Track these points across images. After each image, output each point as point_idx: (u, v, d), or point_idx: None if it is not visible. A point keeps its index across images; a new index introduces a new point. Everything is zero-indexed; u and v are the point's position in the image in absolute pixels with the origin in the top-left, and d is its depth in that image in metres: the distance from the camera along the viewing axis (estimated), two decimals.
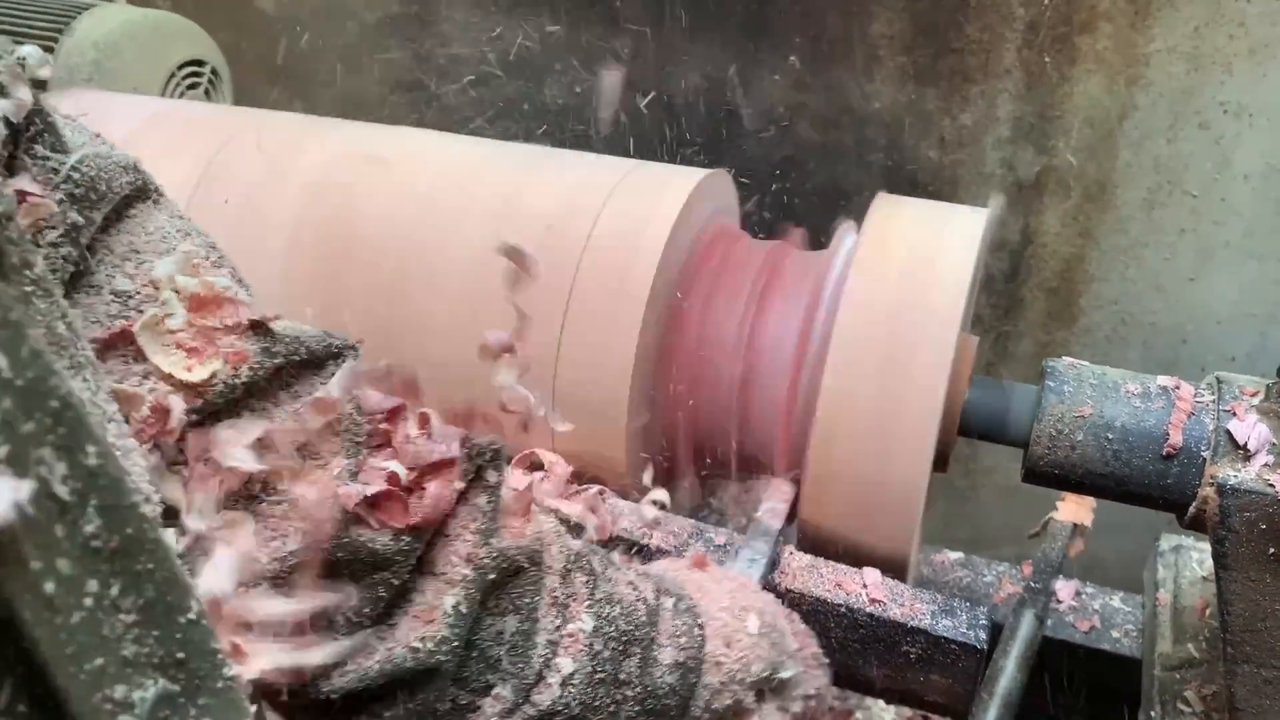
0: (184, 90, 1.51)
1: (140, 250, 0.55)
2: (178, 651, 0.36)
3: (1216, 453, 0.78)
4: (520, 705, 0.63)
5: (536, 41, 1.71)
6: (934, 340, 0.83)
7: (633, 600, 0.69)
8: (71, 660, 0.32)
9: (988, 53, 1.49)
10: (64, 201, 0.51)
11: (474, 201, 0.94)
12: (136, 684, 0.34)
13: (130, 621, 0.34)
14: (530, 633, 0.63)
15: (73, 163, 0.52)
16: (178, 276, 0.55)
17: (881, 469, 0.84)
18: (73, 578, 0.32)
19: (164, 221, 0.58)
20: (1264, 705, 0.80)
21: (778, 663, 0.76)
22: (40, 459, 0.31)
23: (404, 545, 0.57)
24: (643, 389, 0.91)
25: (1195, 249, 1.52)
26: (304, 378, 0.57)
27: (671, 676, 0.68)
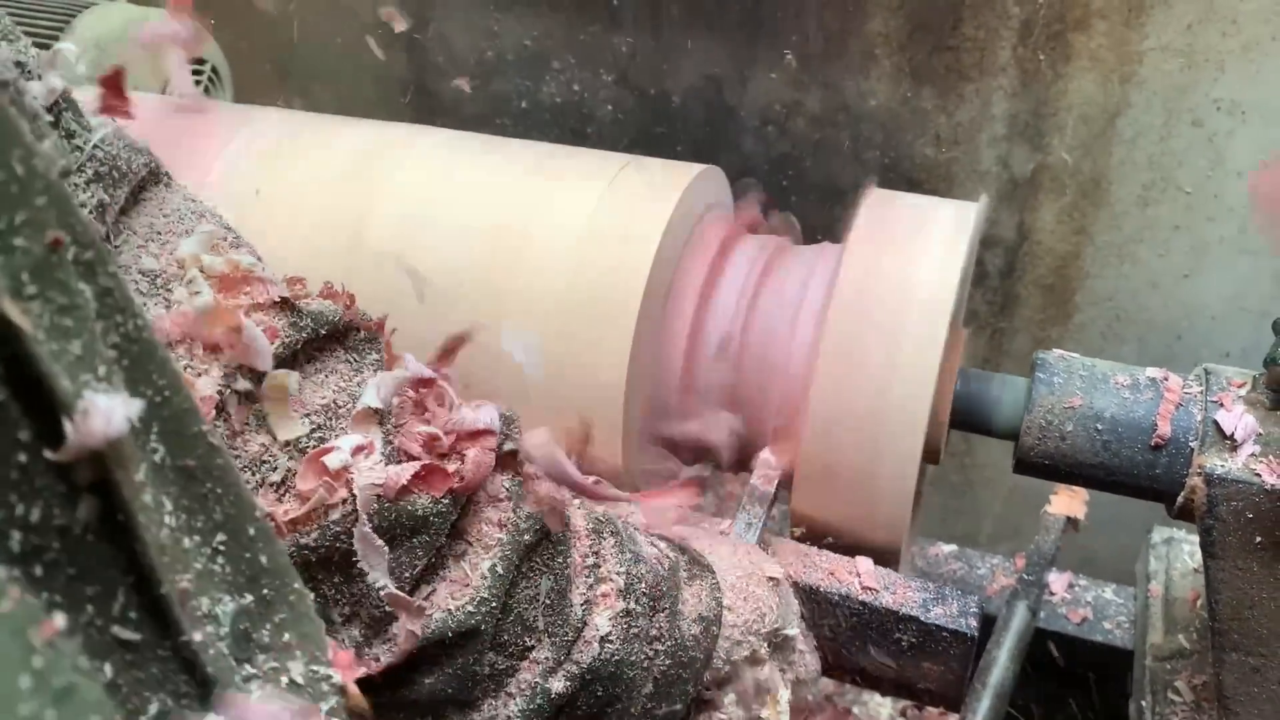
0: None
1: (161, 231, 0.56)
2: (248, 570, 0.38)
3: (1204, 443, 0.79)
4: (562, 663, 0.64)
5: (534, 40, 1.72)
6: (924, 332, 0.84)
7: (655, 558, 0.71)
8: (169, 569, 0.34)
9: (983, 50, 1.50)
10: (91, 180, 0.52)
11: (467, 198, 0.95)
12: (216, 599, 0.36)
13: (201, 541, 0.36)
14: (565, 592, 0.64)
15: (96, 140, 0.53)
16: (203, 255, 0.56)
17: (873, 460, 0.85)
18: (156, 495, 0.34)
19: (180, 203, 0.59)
20: (1252, 693, 0.81)
21: (786, 617, 0.78)
22: (151, 381, 0.34)
23: (442, 508, 0.58)
24: (638, 386, 0.91)
25: (1189, 245, 1.53)
26: (327, 349, 0.58)
27: (696, 628, 0.70)
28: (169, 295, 0.54)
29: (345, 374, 0.58)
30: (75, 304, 0.31)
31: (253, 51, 1.86)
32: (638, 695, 0.67)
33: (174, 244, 0.56)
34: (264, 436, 0.54)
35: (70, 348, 0.30)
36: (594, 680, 0.65)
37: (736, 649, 0.74)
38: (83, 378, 0.30)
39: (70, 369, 0.30)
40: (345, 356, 0.59)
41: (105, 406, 0.30)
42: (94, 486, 0.31)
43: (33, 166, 0.30)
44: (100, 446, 0.30)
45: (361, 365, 0.59)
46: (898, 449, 0.84)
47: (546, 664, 0.63)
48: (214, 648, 0.35)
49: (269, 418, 0.55)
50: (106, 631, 0.32)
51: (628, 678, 0.66)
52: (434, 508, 0.57)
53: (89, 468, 0.30)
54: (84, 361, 0.30)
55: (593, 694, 0.65)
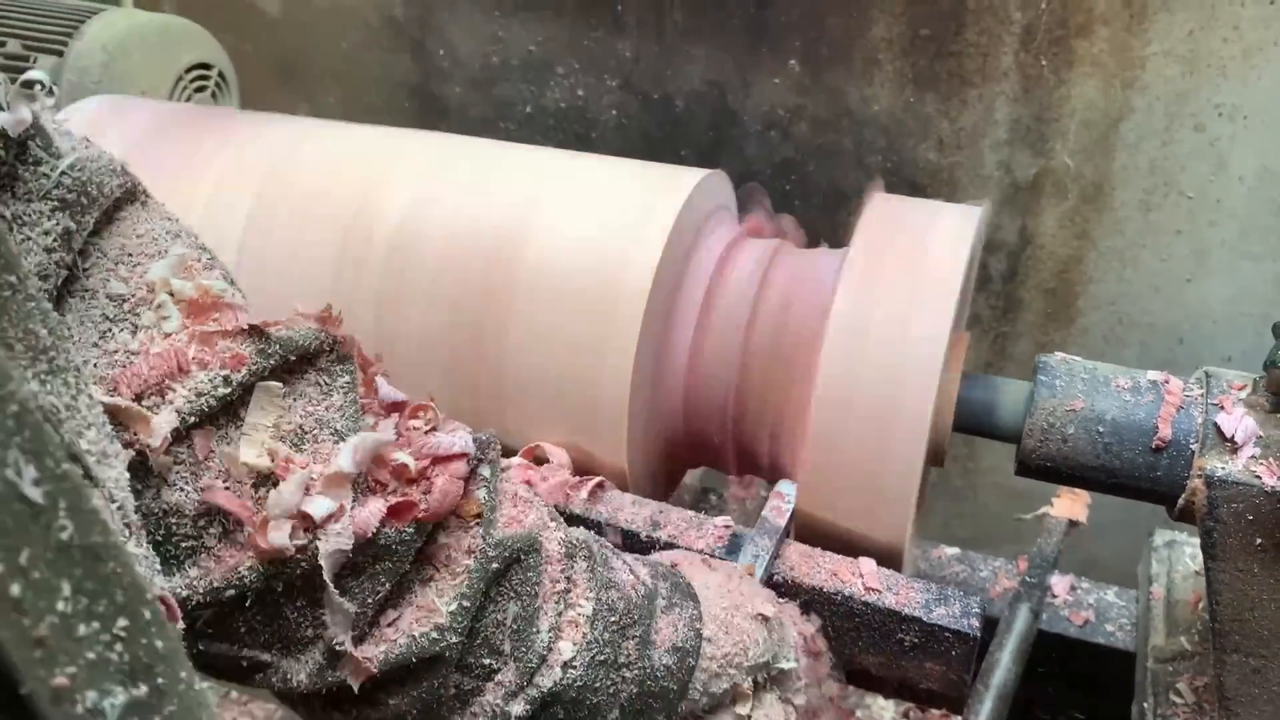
0: (191, 93, 1.53)
1: (132, 253, 0.56)
2: (144, 657, 0.36)
3: (1204, 445, 0.79)
4: (524, 688, 0.64)
5: (539, 45, 1.73)
6: (927, 336, 0.84)
7: (630, 584, 0.71)
8: (42, 664, 0.31)
9: (985, 56, 1.51)
10: (57, 208, 0.52)
11: (471, 201, 0.96)
12: (105, 691, 0.34)
13: (99, 627, 0.34)
14: (532, 618, 0.65)
15: (63, 168, 0.52)
16: (172, 280, 0.56)
17: (876, 462, 0.85)
18: (46, 580, 0.31)
19: (155, 224, 0.59)
20: (1253, 694, 0.81)
21: (777, 652, 0.77)
22: (8, 460, 0.31)
23: (406, 537, 0.58)
24: (642, 390, 0.92)
25: (1191, 250, 1.54)
26: (297, 372, 0.58)
27: (669, 658, 0.70)
28: (136, 320, 0.54)
29: (314, 398, 0.58)
30: None
31: (259, 57, 1.87)
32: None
33: (145, 266, 0.56)
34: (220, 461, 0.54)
35: None
36: (554, 704, 0.65)
37: (715, 681, 0.73)
38: None
39: None
40: (315, 379, 0.59)
41: None
42: None
43: None
44: None
45: (332, 389, 0.59)
46: (901, 451, 0.84)
47: (508, 687, 0.64)
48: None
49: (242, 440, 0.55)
50: None
51: (591, 704, 0.66)
52: (398, 536, 0.57)
53: None
54: None
55: (553, 717, 0.65)
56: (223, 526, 0.54)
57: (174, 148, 1.04)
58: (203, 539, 0.55)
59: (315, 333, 0.58)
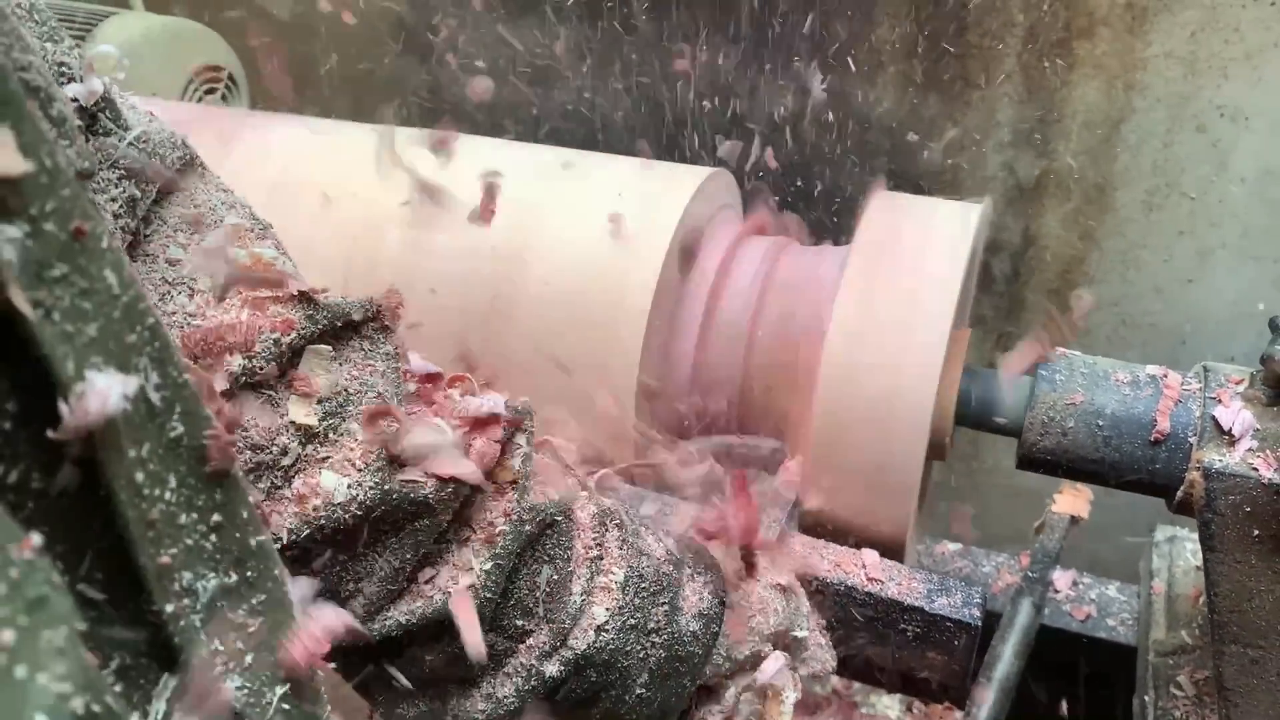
0: (202, 95, 1.54)
1: (189, 222, 0.58)
2: (236, 551, 0.40)
3: (1203, 438, 0.80)
4: (558, 649, 0.66)
5: (545, 45, 1.75)
6: (928, 331, 0.85)
7: (660, 552, 0.73)
8: (153, 543, 0.36)
9: (988, 58, 1.52)
10: (124, 176, 0.54)
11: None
12: (200, 574, 0.38)
13: (198, 519, 0.38)
14: (565, 582, 0.67)
15: (130, 139, 0.55)
16: (228, 247, 0.58)
17: (879, 456, 0.86)
18: (158, 473, 0.36)
19: (211, 194, 0.61)
20: (1251, 684, 0.82)
21: (793, 620, 0.79)
22: (139, 366, 0.35)
23: (446, 494, 0.60)
24: (649, 389, 0.93)
25: (1193, 251, 1.54)
26: (343, 339, 0.60)
27: (695, 624, 0.72)
28: (194, 284, 0.56)
29: (358, 363, 0.60)
30: (96, 289, 0.33)
31: (269, 59, 1.89)
32: (632, 684, 0.69)
33: (202, 234, 0.58)
34: (274, 419, 0.56)
35: (86, 329, 0.32)
36: (587, 666, 0.67)
37: (738, 648, 0.75)
38: (93, 359, 0.32)
39: (80, 351, 0.32)
40: (360, 346, 0.61)
41: (103, 387, 0.32)
42: (80, 460, 0.33)
43: (58, 163, 0.32)
44: (95, 425, 0.32)
45: (375, 355, 0.61)
46: (903, 445, 0.86)
47: (542, 648, 0.66)
48: (185, 620, 0.37)
49: (290, 400, 0.57)
50: (73, 588, 0.34)
51: (622, 666, 0.68)
52: (438, 493, 0.59)
53: (78, 443, 0.32)
54: (98, 343, 0.33)
55: (586, 679, 0.68)
56: (271, 482, 0.56)
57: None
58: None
59: (361, 302, 0.61)
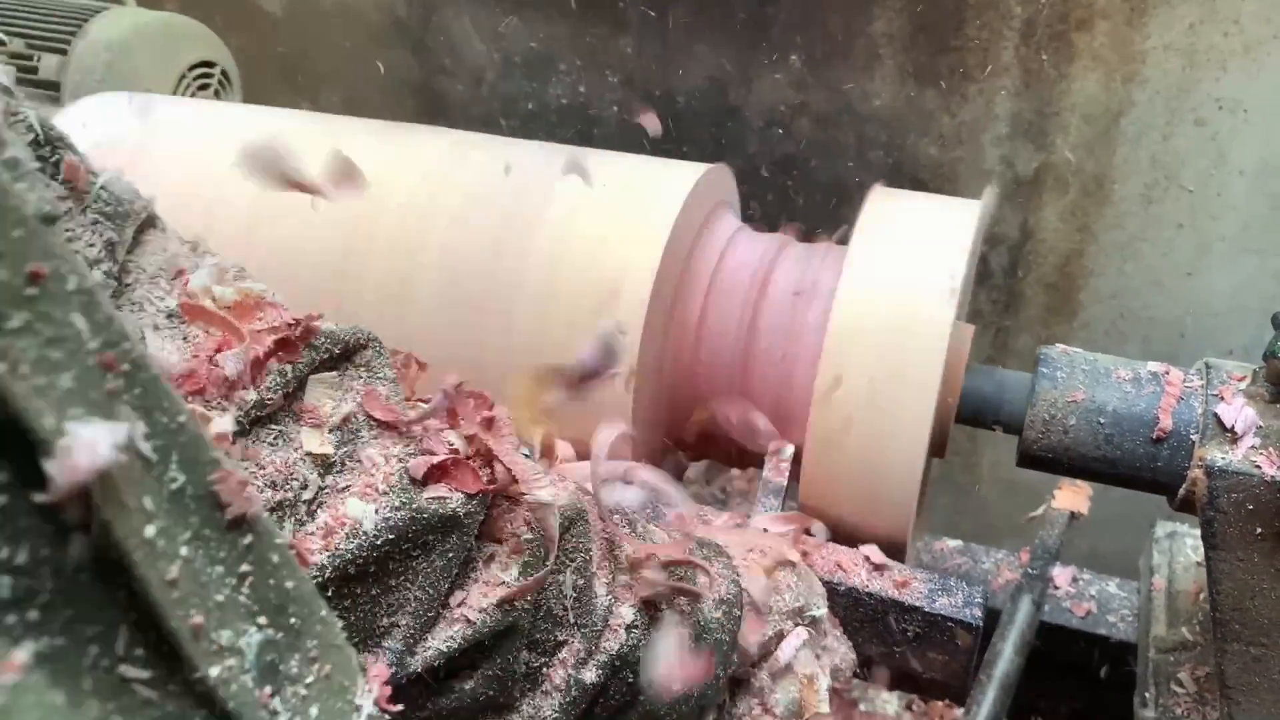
0: (195, 91, 1.53)
1: (166, 268, 0.57)
2: (275, 598, 0.38)
3: (1205, 436, 0.80)
4: (593, 653, 0.65)
5: (540, 42, 1.74)
6: (929, 328, 0.85)
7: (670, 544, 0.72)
8: (179, 604, 0.33)
9: (986, 51, 1.51)
10: (98, 220, 0.53)
11: (474, 199, 0.96)
12: (240, 630, 0.36)
13: (224, 571, 0.36)
14: (589, 585, 0.65)
15: (102, 182, 0.54)
16: (214, 286, 0.56)
17: (879, 454, 0.86)
18: (169, 528, 0.34)
19: (177, 246, 0.60)
20: (1253, 682, 0.82)
21: (808, 599, 0.79)
22: (125, 415, 0.33)
23: (472, 507, 0.58)
24: (645, 385, 0.93)
25: (1192, 244, 1.54)
26: (339, 368, 0.59)
27: (718, 612, 0.71)
28: (185, 329, 0.55)
29: (360, 389, 0.59)
30: (64, 336, 0.30)
31: (262, 54, 1.88)
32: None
33: (183, 279, 0.57)
34: (288, 453, 0.55)
35: (59, 381, 0.30)
36: (624, 667, 0.66)
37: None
38: (72, 411, 0.30)
39: (58, 403, 0.29)
40: (358, 374, 0.60)
41: (89, 439, 0.29)
42: (86, 525, 0.31)
43: (6, 204, 0.30)
44: (87, 480, 0.29)
45: (374, 380, 0.60)
46: (904, 443, 0.85)
47: (578, 656, 0.64)
48: (236, 682, 0.35)
49: (302, 432, 0.56)
50: (114, 671, 0.32)
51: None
52: (465, 507, 0.58)
53: (77, 506, 0.30)
54: (75, 394, 0.30)
55: (624, 681, 0.66)
56: (295, 520, 0.54)
57: (178, 142, 1.05)
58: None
59: (354, 328, 0.60)
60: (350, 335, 0.59)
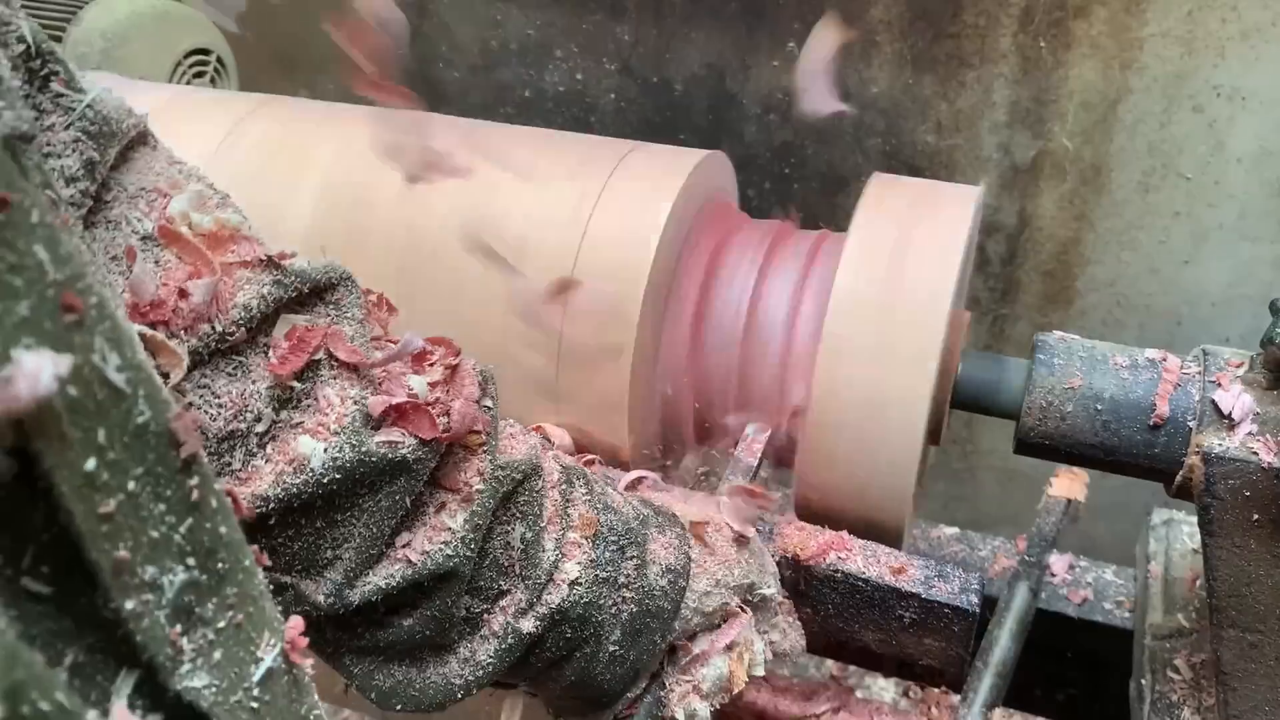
0: (190, 78, 1.53)
1: (149, 188, 0.57)
2: (207, 542, 0.38)
3: (1202, 422, 0.80)
4: (534, 605, 0.67)
5: (537, 29, 1.73)
6: (926, 314, 0.85)
7: (626, 508, 0.74)
8: (107, 538, 0.33)
9: (984, 38, 1.51)
10: (80, 139, 0.53)
11: (471, 187, 0.96)
12: (166, 568, 0.36)
13: (165, 510, 0.36)
14: (538, 539, 0.67)
15: (88, 101, 0.54)
16: (192, 213, 0.57)
17: (875, 440, 0.86)
18: (120, 461, 0.34)
19: (165, 164, 0.60)
20: (1250, 669, 0.82)
21: (758, 577, 0.80)
22: (94, 346, 0.33)
23: (423, 454, 0.60)
24: (642, 372, 0.92)
25: (1190, 232, 1.54)
26: (309, 305, 0.60)
27: (663, 580, 0.72)
28: (159, 252, 0.55)
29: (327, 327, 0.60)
30: (25, 265, 0.30)
31: (258, 42, 1.87)
32: (605, 640, 0.70)
33: (164, 201, 0.57)
34: (245, 385, 0.56)
35: (15, 308, 0.30)
36: (562, 622, 0.68)
37: (705, 599, 0.75)
38: (24, 339, 0.30)
39: (8, 331, 0.29)
40: (327, 311, 0.60)
41: (31, 368, 0.29)
42: (16, 450, 0.31)
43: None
44: (24, 408, 0.29)
45: (342, 319, 0.61)
46: (900, 429, 0.85)
47: (518, 606, 0.66)
48: (149, 617, 0.35)
49: (262, 366, 0.56)
50: (16, 581, 0.32)
51: (595, 621, 0.69)
52: (415, 454, 0.59)
53: (9, 431, 0.30)
54: (29, 323, 0.30)
55: (561, 635, 0.68)
56: (246, 450, 0.56)
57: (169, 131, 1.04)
58: (228, 461, 0.56)
59: (327, 267, 0.60)
60: (322, 274, 0.60)
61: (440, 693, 0.66)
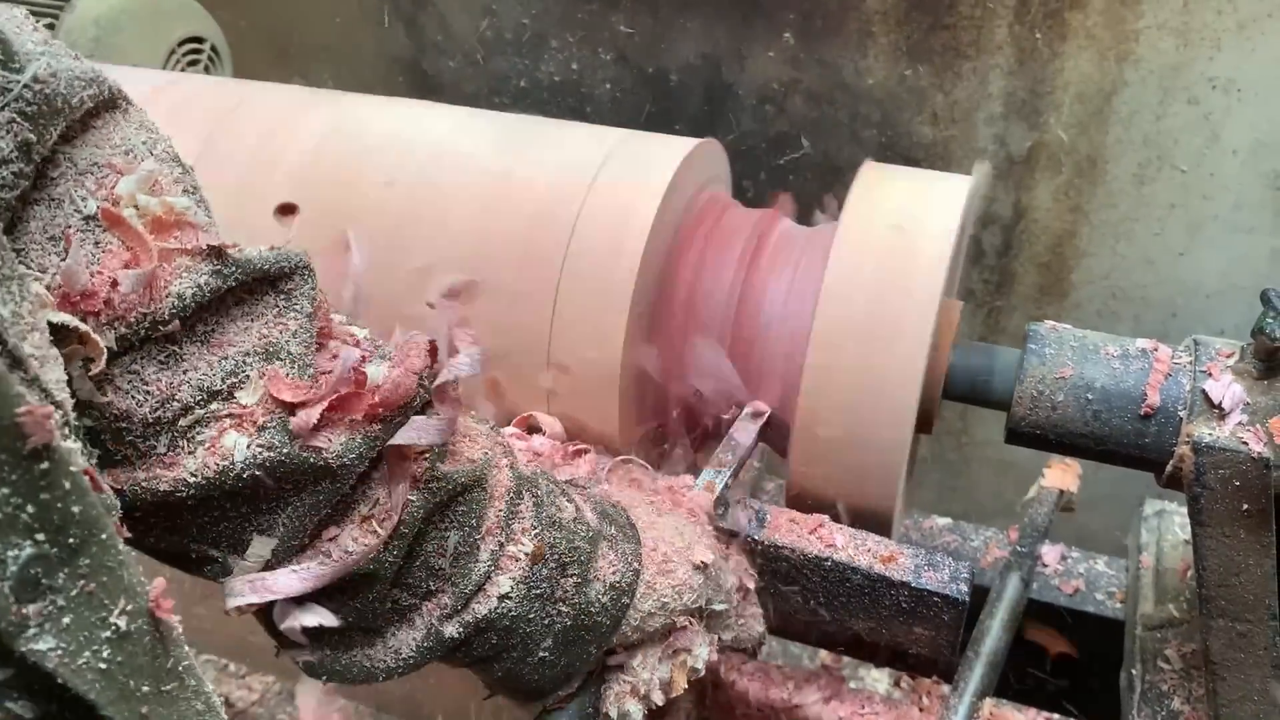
0: (184, 67, 1.52)
1: (101, 163, 0.56)
2: (57, 520, 0.41)
3: (1193, 412, 0.80)
4: (459, 611, 0.67)
5: (533, 18, 1.73)
6: (918, 303, 0.85)
7: (575, 525, 0.73)
8: None
9: (980, 29, 1.51)
10: (14, 120, 0.51)
11: (466, 175, 0.96)
12: (11, 544, 0.39)
13: (10, 493, 0.39)
14: (473, 549, 0.67)
15: (25, 80, 0.52)
16: (139, 195, 0.56)
17: (866, 429, 0.86)
18: None
19: (130, 133, 0.58)
20: (1238, 658, 0.82)
21: (712, 597, 0.80)
22: None
23: (350, 460, 0.59)
24: (635, 359, 0.92)
25: (1184, 223, 1.54)
26: (257, 294, 0.59)
27: (605, 597, 0.72)
28: (99, 234, 0.55)
29: (270, 320, 0.59)
30: None
31: (253, 30, 1.87)
32: (535, 647, 0.70)
33: (113, 179, 0.56)
34: (175, 375, 0.56)
35: None
36: (488, 630, 0.68)
37: (649, 620, 0.75)
38: None
39: None
40: (274, 302, 0.60)
41: None
42: None
43: None
44: None
45: (289, 312, 0.60)
46: (891, 418, 0.85)
47: (444, 610, 0.66)
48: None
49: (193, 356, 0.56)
50: None
51: (523, 632, 0.69)
52: (339, 460, 0.58)
53: None
54: None
55: (486, 641, 0.68)
56: (170, 438, 0.56)
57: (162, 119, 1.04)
58: (153, 445, 0.56)
59: (274, 256, 0.59)
60: (272, 263, 0.59)
61: (363, 673, 0.67)
